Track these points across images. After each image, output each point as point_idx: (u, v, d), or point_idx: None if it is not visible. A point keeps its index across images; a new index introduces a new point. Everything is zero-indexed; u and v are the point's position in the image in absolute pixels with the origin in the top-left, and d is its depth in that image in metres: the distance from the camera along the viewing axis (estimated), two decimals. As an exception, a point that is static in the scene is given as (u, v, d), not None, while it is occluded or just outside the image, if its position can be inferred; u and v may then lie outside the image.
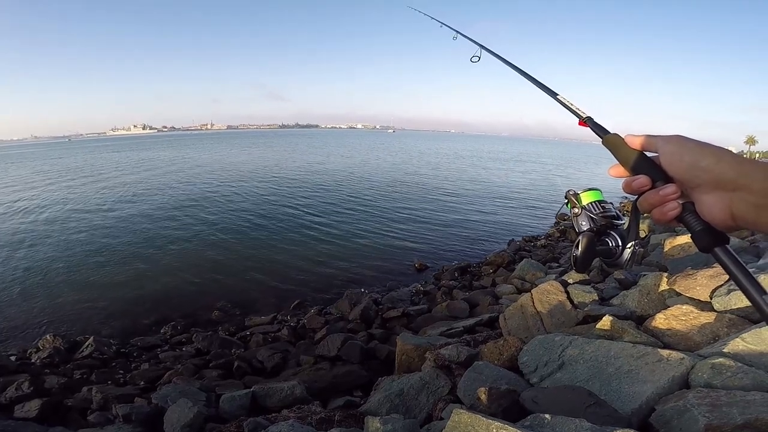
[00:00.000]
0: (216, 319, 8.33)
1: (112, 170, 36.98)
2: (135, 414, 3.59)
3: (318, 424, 2.96)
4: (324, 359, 5.82)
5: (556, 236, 14.10)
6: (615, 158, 0.63)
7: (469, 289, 8.97)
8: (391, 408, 2.99)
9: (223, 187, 24.96)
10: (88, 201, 21.24)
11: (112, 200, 21.26)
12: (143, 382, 5.48)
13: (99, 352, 6.66)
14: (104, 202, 20.65)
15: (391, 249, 12.93)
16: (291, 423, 2.90)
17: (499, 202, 22.20)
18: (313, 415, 3.17)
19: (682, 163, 0.53)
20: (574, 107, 0.78)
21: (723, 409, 1.73)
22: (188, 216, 17.16)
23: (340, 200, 20.67)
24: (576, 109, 0.78)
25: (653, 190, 0.56)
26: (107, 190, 24.70)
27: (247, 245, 13.16)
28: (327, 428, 2.85)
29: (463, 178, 31.85)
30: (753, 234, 5.96)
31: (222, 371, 5.74)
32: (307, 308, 8.63)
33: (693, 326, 2.98)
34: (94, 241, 13.85)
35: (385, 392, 3.18)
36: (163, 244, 13.28)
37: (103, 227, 15.63)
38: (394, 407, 3.00)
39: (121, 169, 38.37)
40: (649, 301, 4.47)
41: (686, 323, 3.02)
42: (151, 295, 9.46)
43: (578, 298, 5.27)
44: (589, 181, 30.94)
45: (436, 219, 17.25)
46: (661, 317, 3.23)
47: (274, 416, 3.35)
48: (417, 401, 3.07)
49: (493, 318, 5.95)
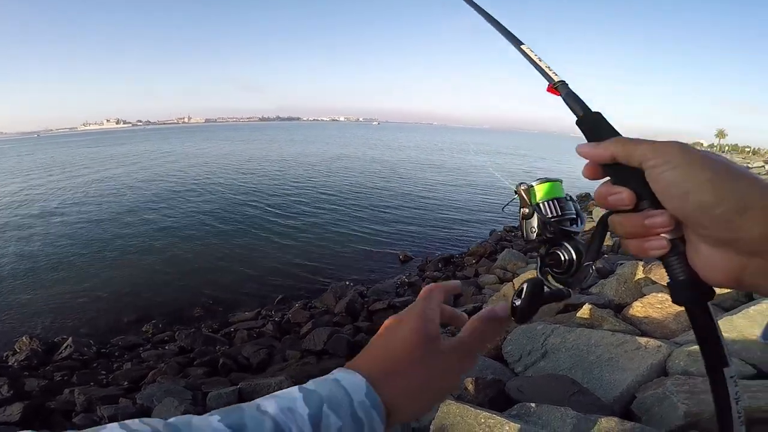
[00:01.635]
0: (198, 316, 8.24)
1: (83, 166, 35.83)
2: (121, 415, 3.55)
3: (307, 419, 2.97)
4: (310, 353, 5.83)
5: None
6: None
7: (453, 279, 9.09)
8: (379, 401, 3.03)
9: (200, 182, 24.53)
10: (60, 198, 20.60)
11: (85, 197, 20.66)
12: (127, 383, 5.40)
13: (79, 353, 6.52)
14: (77, 199, 20.06)
15: (376, 241, 12.97)
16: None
17: (480, 193, 22.44)
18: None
19: (681, 198, 0.36)
20: (543, 65, 0.57)
21: (701, 396, 1.81)
22: (166, 212, 16.83)
23: (321, 194, 20.57)
24: (545, 67, 0.57)
25: (636, 214, 0.40)
26: (80, 186, 23.98)
27: (227, 240, 12.98)
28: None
29: (443, 171, 32.04)
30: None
31: (207, 369, 5.69)
32: (291, 303, 8.59)
33: (669, 314, 3.10)
34: (66, 240, 13.45)
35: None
36: (140, 242, 12.98)
37: (77, 225, 15.19)
38: (383, 400, 3.04)
39: (93, 164, 37.22)
40: (626, 290, 4.62)
41: (662, 311, 3.14)
42: (129, 293, 9.27)
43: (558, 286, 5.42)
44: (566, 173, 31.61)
45: (419, 211, 17.36)
46: (638, 305, 3.35)
47: (262, 412, 3.36)
48: (405, 393, 3.11)
49: (477, 308, 6.05)
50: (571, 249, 0.49)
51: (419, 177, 27.72)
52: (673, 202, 0.37)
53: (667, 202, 0.37)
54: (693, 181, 0.34)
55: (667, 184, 0.36)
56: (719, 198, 0.33)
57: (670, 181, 0.36)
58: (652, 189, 0.38)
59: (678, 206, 0.36)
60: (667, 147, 0.37)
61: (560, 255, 0.50)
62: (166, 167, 32.54)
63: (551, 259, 0.50)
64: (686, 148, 0.37)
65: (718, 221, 0.34)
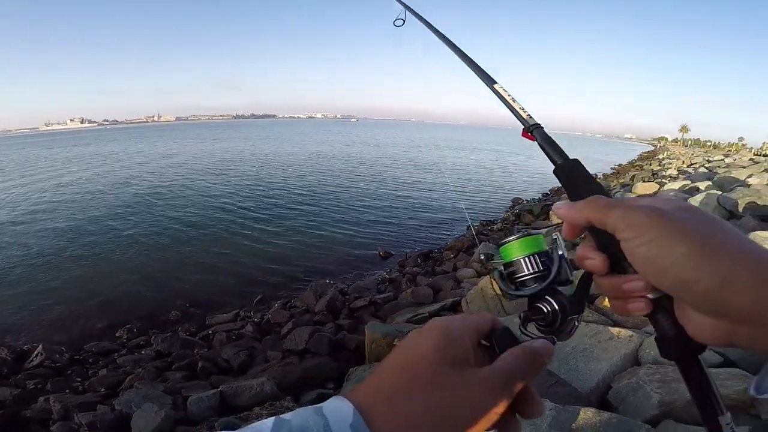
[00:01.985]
0: (174, 320, 8.07)
1: (46, 168, 34.32)
2: (99, 422, 3.48)
3: (292, 419, 2.98)
4: (292, 353, 5.81)
5: (511, 219, 14.69)
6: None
7: (432, 274, 9.19)
8: (364, 398, 3.06)
9: (173, 181, 23.90)
10: (22, 200, 19.72)
11: (50, 199, 19.84)
12: (104, 389, 5.26)
13: (50, 360, 6.31)
14: (40, 202, 19.25)
15: (354, 239, 12.96)
16: (264, 420, 2.91)
17: (456, 188, 22.69)
18: (286, 410, 3.19)
19: (658, 274, 0.34)
20: (517, 107, 0.56)
21: (672, 385, 1.91)
22: (134, 213, 16.31)
23: (298, 192, 20.39)
24: (519, 109, 0.55)
25: (614, 278, 0.39)
26: (43, 189, 23.01)
27: (201, 243, 12.66)
28: (301, 423, 2.87)
29: (421, 166, 32.24)
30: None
31: (186, 372, 5.60)
32: (270, 303, 8.51)
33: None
34: (30, 244, 12.85)
35: (357, 382, 3.25)
36: (108, 245, 12.50)
37: (40, 229, 14.53)
38: (367, 397, 3.07)
39: (57, 166, 35.72)
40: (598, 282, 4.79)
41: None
42: (100, 297, 8.97)
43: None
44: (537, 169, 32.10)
45: (397, 207, 17.43)
46: (611, 296, 3.48)
47: (245, 415, 3.35)
48: (389, 390, 3.15)
49: (456, 302, 6.16)
50: (554, 302, 0.46)
51: (395, 173, 27.81)
52: (650, 277, 0.35)
53: (645, 275, 0.35)
54: (668, 258, 0.32)
55: (642, 260, 0.34)
56: (698, 275, 0.31)
57: (644, 257, 0.34)
58: (629, 260, 0.36)
59: (656, 281, 0.35)
60: (639, 217, 0.34)
61: (543, 307, 0.47)
62: (135, 168, 31.53)
63: (534, 313, 0.48)
64: (658, 217, 0.33)
65: (699, 296, 0.32)
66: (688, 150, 57.01)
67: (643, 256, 0.34)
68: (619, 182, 19.78)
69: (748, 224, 5.90)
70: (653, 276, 0.34)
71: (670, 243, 0.32)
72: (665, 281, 0.34)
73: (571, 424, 1.75)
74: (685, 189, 10.70)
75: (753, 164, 17.18)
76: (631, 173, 23.26)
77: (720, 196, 7.82)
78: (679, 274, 0.32)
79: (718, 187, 9.96)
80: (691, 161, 25.62)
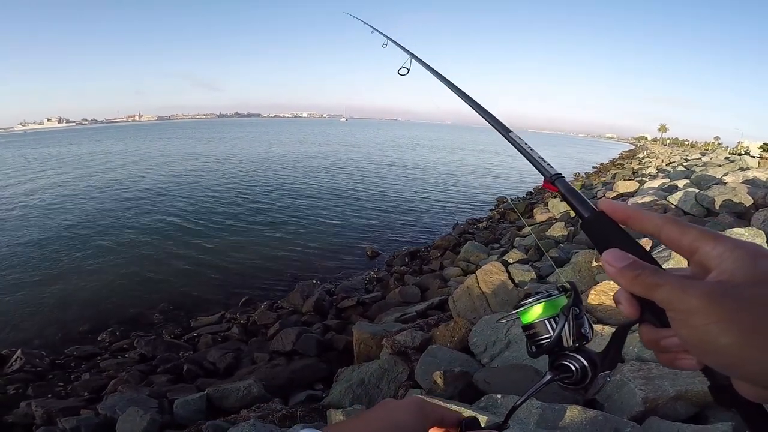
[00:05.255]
0: (158, 322, 7.95)
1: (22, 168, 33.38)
2: (84, 426, 3.42)
3: (280, 421, 2.98)
4: (280, 355, 5.79)
5: (496, 218, 14.85)
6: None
7: (420, 273, 9.25)
8: (353, 398, 3.08)
9: (153, 182, 23.44)
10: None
11: (28, 200, 19.30)
12: (87, 393, 5.18)
13: (31, 365, 6.17)
14: (19, 203, 18.71)
15: (342, 238, 12.94)
16: (252, 423, 2.89)
17: (442, 187, 22.83)
18: (275, 412, 3.19)
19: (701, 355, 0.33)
20: (535, 156, 0.54)
21: (656, 381, 1.96)
22: (115, 215, 15.96)
23: (284, 191, 20.24)
24: (538, 158, 0.53)
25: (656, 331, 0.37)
26: (21, 190, 22.38)
27: (185, 242, 12.52)
28: (290, 425, 2.87)
29: (407, 166, 32.34)
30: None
31: (171, 376, 5.54)
32: (256, 304, 8.45)
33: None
34: (4, 245, 12.51)
35: (346, 383, 3.26)
36: (88, 247, 12.22)
37: (17, 230, 14.15)
38: (357, 397, 3.09)
39: (36, 166, 34.76)
40: (581, 278, 4.87)
41: (615, 298, 3.35)
42: (80, 301, 8.80)
43: (518, 277, 5.64)
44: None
45: (384, 207, 17.45)
46: (593, 293, 3.55)
47: (233, 417, 3.32)
48: (378, 389, 3.18)
49: (443, 300, 6.21)
50: (582, 359, 0.44)
51: (383, 173, 27.84)
52: (692, 354, 0.34)
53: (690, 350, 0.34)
54: (713, 345, 0.30)
55: (686, 341, 0.33)
56: (741, 364, 0.30)
57: (686, 340, 0.32)
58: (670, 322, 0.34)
59: (699, 359, 0.34)
60: (690, 302, 0.31)
61: (570, 364, 0.45)
62: (114, 168, 30.88)
63: (560, 371, 0.45)
64: (714, 303, 0.30)
65: (740, 378, 0.32)
66: (666, 149, 58.33)
67: (684, 338, 0.33)
68: (600, 181, 20.18)
69: (725, 221, 6.09)
70: (696, 355, 0.33)
71: (718, 330, 0.30)
72: (706, 362, 0.33)
73: (558, 422, 1.79)
74: (663, 187, 10.97)
75: (728, 162, 17.70)
76: (612, 172, 23.72)
77: (697, 193, 8.05)
78: (719, 361, 0.31)
79: (696, 185, 10.25)
80: (670, 160, 26.25)
